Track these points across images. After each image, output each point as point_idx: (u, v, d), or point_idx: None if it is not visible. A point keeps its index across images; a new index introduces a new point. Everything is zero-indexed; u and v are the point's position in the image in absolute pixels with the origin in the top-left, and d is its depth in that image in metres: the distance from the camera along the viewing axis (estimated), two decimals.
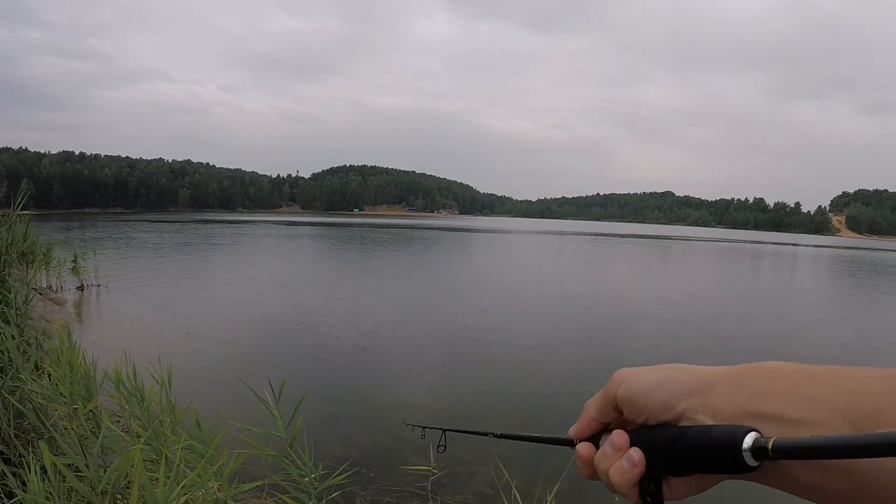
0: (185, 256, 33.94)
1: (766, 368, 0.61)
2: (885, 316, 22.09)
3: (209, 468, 3.93)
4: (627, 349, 13.97)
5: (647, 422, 0.67)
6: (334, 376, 10.88)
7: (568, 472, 5.67)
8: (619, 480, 0.66)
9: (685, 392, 0.64)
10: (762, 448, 0.53)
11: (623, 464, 0.66)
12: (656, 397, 0.66)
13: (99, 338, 12.88)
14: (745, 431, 0.56)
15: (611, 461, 0.68)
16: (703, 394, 0.63)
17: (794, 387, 0.57)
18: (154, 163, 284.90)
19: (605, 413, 0.73)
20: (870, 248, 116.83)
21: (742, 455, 0.55)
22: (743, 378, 0.61)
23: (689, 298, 23.55)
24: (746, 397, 0.59)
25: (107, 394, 6.53)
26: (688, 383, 0.64)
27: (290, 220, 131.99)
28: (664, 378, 0.66)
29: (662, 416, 0.65)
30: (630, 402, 0.68)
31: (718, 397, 0.61)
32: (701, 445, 0.60)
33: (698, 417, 0.62)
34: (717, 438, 0.58)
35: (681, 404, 0.64)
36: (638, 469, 0.65)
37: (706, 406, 0.62)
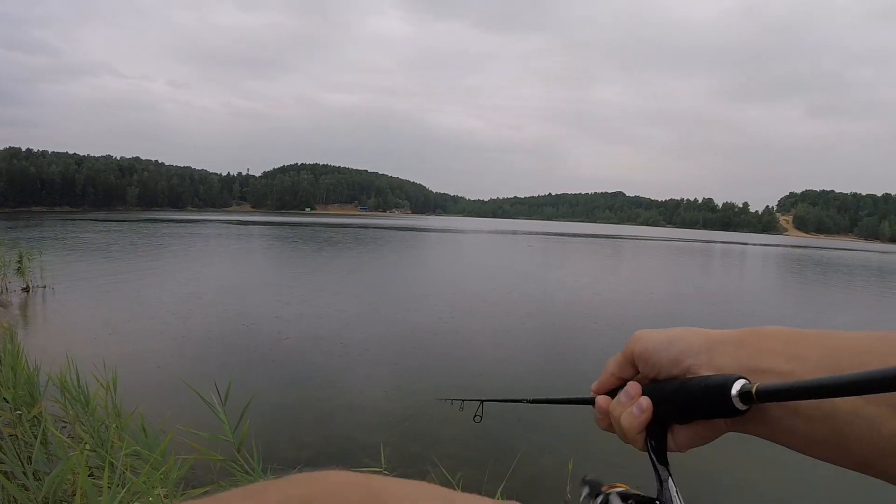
0: (133, 257, 33.35)
1: (766, 331, 0.67)
2: (837, 312, 22.55)
3: (154, 474, 3.88)
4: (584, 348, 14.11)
5: (659, 376, 0.74)
6: (284, 378, 10.77)
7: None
8: (628, 425, 0.73)
9: (693, 349, 0.70)
10: (748, 392, 0.59)
11: (633, 410, 0.73)
12: (667, 353, 0.72)
13: (44, 341, 12.61)
14: (734, 379, 0.62)
15: (623, 408, 0.75)
16: (709, 352, 0.69)
17: (788, 346, 0.63)
18: (102, 160, 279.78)
19: (623, 369, 0.80)
20: (817, 247, 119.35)
21: (731, 399, 0.61)
22: (744, 339, 0.68)
23: (649, 297, 23.79)
24: (745, 355, 0.66)
25: (52, 398, 6.42)
26: (695, 342, 0.71)
27: (240, 219, 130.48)
28: (675, 337, 0.73)
29: (672, 370, 0.72)
30: (644, 358, 0.75)
31: (721, 355, 0.68)
32: (699, 392, 0.66)
33: (702, 372, 0.68)
34: (712, 385, 0.64)
35: (688, 360, 0.70)
36: (646, 415, 0.72)
37: (710, 362, 0.68)
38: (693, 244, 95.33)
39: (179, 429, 4.84)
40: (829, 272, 45.61)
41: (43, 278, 20.34)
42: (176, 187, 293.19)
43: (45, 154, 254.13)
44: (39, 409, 5.44)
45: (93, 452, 4.47)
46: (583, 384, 0.78)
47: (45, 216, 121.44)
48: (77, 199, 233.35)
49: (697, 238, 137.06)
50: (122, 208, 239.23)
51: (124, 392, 7.06)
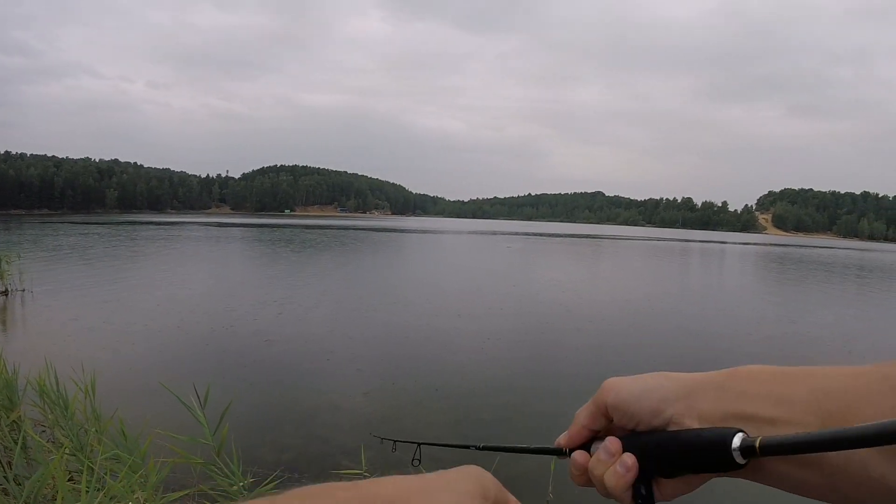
0: (112, 260, 33.16)
1: (746, 372, 0.66)
2: (818, 310, 22.77)
3: (132, 476, 3.90)
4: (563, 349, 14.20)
5: (638, 427, 0.71)
6: (263, 380, 10.75)
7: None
8: (614, 485, 0.69)
9: (671, 398, 0.68)
10: (750, 447, 0.58)
11: (617, 468, 0.69)
12: (645, 404, 0.69)
13: (23, 345, 12.55)
14: (733, 433, 0.60)
15: (605, 466, 0.70)
16: (688, 399, 0.67)
17: (772, 388, 0.62)
18: (81, 162, 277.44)
19: (595, 421, 0.75)
20: (796, 245, 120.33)
21: (731, 454, 0.59)
22: (725, 382, 0.66)
23: (629, 298, 23.94)
24: (728, 400, 0.64)
25: (31, 403, 6.40)
26: (673, 389, 0.68)
27: (219, 221, 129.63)
28: (651, 385, 0.70)
29: (652, 421, 0.69)
30: (620, 410, 0.71)
31: (703, 401, 0.66)
32: (692, 448, 0.64)
33: (685, 421, 0.66)
34: (708, 440, 0.62)
35: (668, 409, 0.67)
36: (632, 473, 0.68)
37: (692, 410, 0.66)
38: (672, 243, 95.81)
39: (159, 432, 4.85)
40: (808, 270, 46.02)
41: (22, 282, 20.17)
42: (155, 189, 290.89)
43: (24, 156, 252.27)
44: (18, 414, 5.43)
45: (72, 456, 4.49)
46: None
47: (23, 219, 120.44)
48: (56, 201, 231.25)
49: (677, 237, 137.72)
50: (101, 211, 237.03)
51: (104, 396, 7.05)
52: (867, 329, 18.95)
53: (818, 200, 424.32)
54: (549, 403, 9.94)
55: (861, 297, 29.11)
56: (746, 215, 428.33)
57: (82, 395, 6.22)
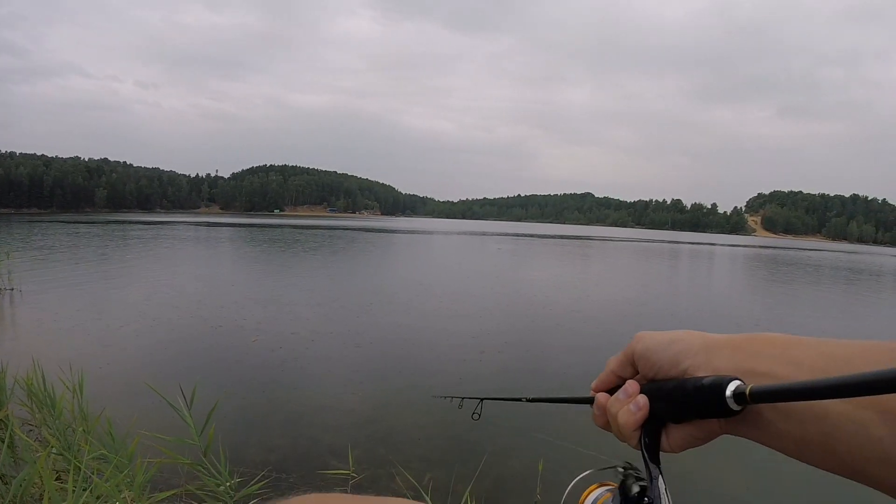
0: (101, 259, 33.00)
1: (763, 337, 0.69)
2: (808, 312, 22.87)
3: (118, 475, 3.91)
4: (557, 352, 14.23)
5: (657, 376, 0.76)
6: (251, 380, 10.71)
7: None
8: (624, 422, 0.75)
9: (692, 351, 0.72)
10: (742, 393, 0.61)
11: (630, 407, 0.75)
12: (666, 354, 0.74)
13: (11, 343, 12.51)
14: (729, 380, 0.63)
15: (621, 405, 0.77)
16: (707, 354, 0.70)
17: (785, 351, 0.64)
18: (70, 161, 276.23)
19: (623, 368, 0.82)
20: (786, 248, 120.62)
21: (726, 400, 0.62)
22: (743, 343, 0.69)
23: (624, 298, 23.98)
24: (742, 358, 0.67)
25: (18, 402, 6.40)
26: (695, 344, 0.73)
27: (209, 220, 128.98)
28: (675, 338, 0.75)
29: (670, 371, 0.73)
30: (644, 358, 0.77)
31: (719, 357, 0.69)
32: (694, 392, 0.67)
33: (699, 373, 0.69)
34: (707, 385, 0.65)
35: (686, 361, 0.72)
36: (642, 412, 0.74)
37: (708, 364, 0.69)
38: (662, 245, 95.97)
39: (146, 433, 4.86)
40: (798, 273, 46.11)
41: (10, 280, 20.10)
42: (144, 189, 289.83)
43: (14, 155, 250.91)
44: (6, 413, 5.43)
45: (59, 456, 4.49)
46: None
47: (12, 218, 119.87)
48: (45, 200, 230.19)
49: (666, 239, 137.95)
50: (91, 210, 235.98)
51: (91, 395, 7.04)
52: (856, 332, 19.02)
53: (807, 203, 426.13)
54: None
55: (850, 301, 29.21)
56: (736, 217, 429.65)
57: (70, 395, 6.23)
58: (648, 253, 67.56)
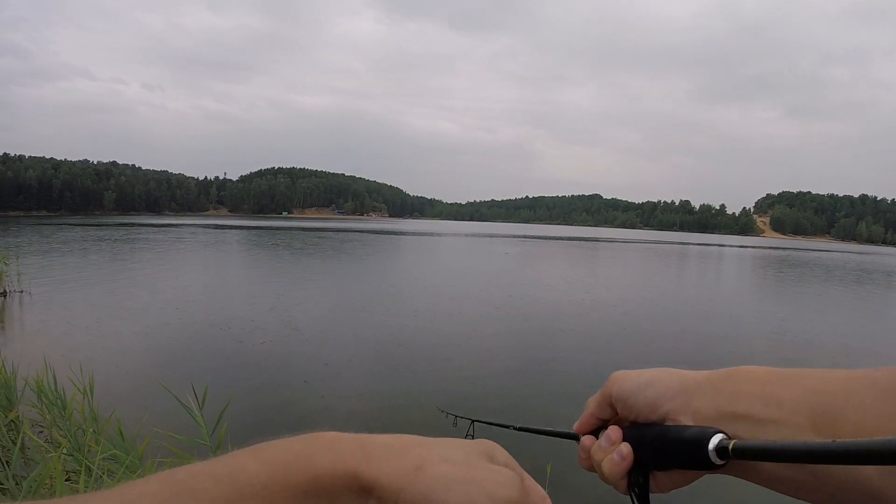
0: (110, 262, 33.13)
1: (743, 373, 0.67)
2: (816, 313, 22.78)
3: (130, 476, 3.91)
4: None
5: (637, 419, 0.74)
6: (261, 382, 10.73)
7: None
8: (609, 471, 0.73)
9: (670, 394, 0.70)
10: (724, 448, 0.60)
11: (614, 456, 0.72)
12: (644, 397, 0.72)
13: (21, 345, 12.53)
14: (711, 433, 0.62)
15: (605, 453, 0.74)
16: (685, 396, 0.69)
17: (764, 388, 0.63)
18: (79, 164, 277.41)
19: (602, 410, 0.80)
20: (795, 249, 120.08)
21: (708, 455, 0.61)
22: (721, 382, 0.68)
23: (635, 299, 23.92)
24: (722, 399, 0.66)
25: (29, 403, 6.42)
26: (672, 386, 0.71)
27: (217, 223, 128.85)
28: (652, 380, 0.73)
29: (650, 415, 0.72)
30: (622, 401, 0.75)
31: (698, 399, 0.68)
32: (676, 443, 0.66)
33: (680, 418, 0.68)
34: (689, 438, 0.64)
35: (665, 405, 0.70)
36: (626, 462, 0.72)
37: (687, 407, 0.68)
38: (671, 246, 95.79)
39: (157, 432, 4.87)
40: (807, 274, 45.96)
41: (20, 283, 20.18)
42: (153, 191, 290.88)
43: (23, 158, 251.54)
44: (16, 414, 5.45)
45: (70, 456, 4.50)
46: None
47: (21, 220, 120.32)
48: (54, 203, 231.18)
49: (675, 240, 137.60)
50: (100, 213, 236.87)
51: (101, 396, 7.06)
52: (865, 334, 18.93)
53: (816, 203, 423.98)
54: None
55: (860, 302, 29.08)
56: (744, 218, 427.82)
57: (80, 396, 6.24)
58: (657, 255, 67.40)
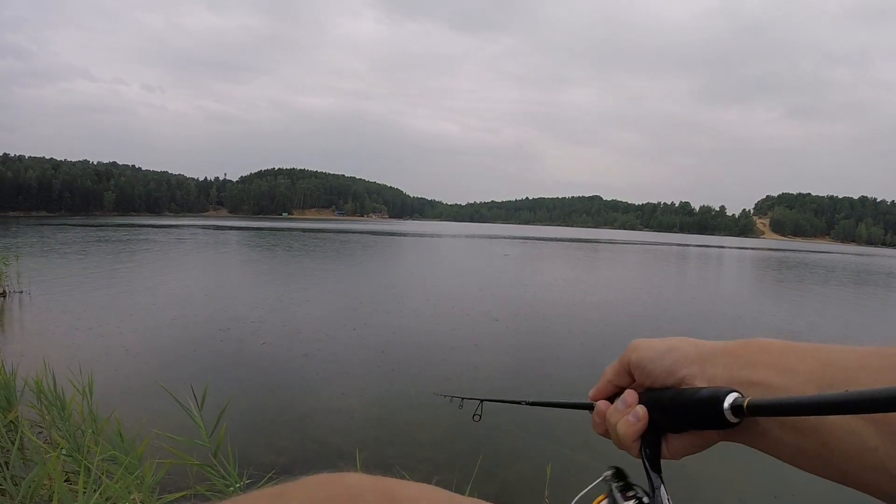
0: (110, 262, 33.10)
1: (758, 344, 0.68)
2: (816, 315, 22.77)
3: (129, 477, 3.91)
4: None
5: (654, 385, 0.76)
6: (260, 382, 10.74)
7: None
8: (624, 432, 0.75)
9: (687, 360, 0.72)
10: (739, 406, 0.60)
11: (629, 418, 0.75)
12: (662, 363, 0.75)
13: (21, 346, 12.54)
14: (726, 392, 0.63)
15: (621, 415, 0.77)
16: (702, 363, 0.71)
17: (780, 359, 0.64)
18: (79, 165, 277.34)
19: (619, 377, 0.82)
20: (794, 250, 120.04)
21: (723, 412, 0.62)
22: (738, 350, 0.69)
23: (635, 303, 23.92)
24: (738, 367, 0.67)
25: (28, 404, 6.42)
26: (690, 353, 0.73)
27: (217, 224, 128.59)
28: (671, 347, 0.75)
29: (666, 380, 0.74)
30: (640, 367, 0.77)
31: (715, 366, 0.69)
32: (692, 403, 0.67)
33: (696, 383, 0.70)
34: (705, 397, 0.65)
35: (682, 370, 0.72)
36: (641, 423, 0.74)
37: (703, 373, 0.70)
38: (671, 248, 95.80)
39: (157, 433, 4.87)
40: (807, 275, 45.91)
41: (19, 283, 20.18)
42: (153, 192, 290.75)
43: (22, 158, 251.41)
44: (16, 414, 5.44)
45: (69, 457, 4.50)
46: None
47: (21, 221, 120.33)
48: (54, 203, 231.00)
49: (675, 242, 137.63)
50: (99, 213, 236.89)
51: (101, 397, 7.05)
52: (866, 336, 18.92)
53: (816, 205, 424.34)
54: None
55: (860, 303, 29.07)
56: (744, 220, 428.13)
57: (79, 397, 6.24)
58: (657, 256, 67.38)
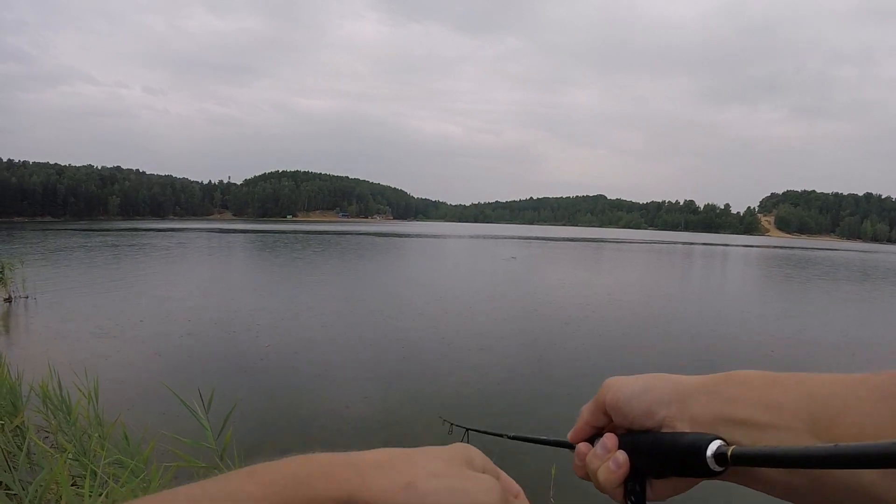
0: (115, 266, 33.17)
1: (739, 377, 0.66)
2: (821, 313, 22.73)
3: (135, 481, 3.91)
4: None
5: (633, 427, 0.73)
6: (266, 385, 10.77)
7: None
8: (605, 479, 0.72)
9: (665, 400, 0.69)
10: (723, 455, 0.59)
11: (610, 465, 0.71)
12: (639, 404, 0.71)
13: (27, 351, 12.58)
14: (709, 440, 0.61)
15: (600, 461, 0.73)
16: (681, 402, 0.68)
17: (762, 393, 0.62)
18: (83, 169, 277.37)
19: (596, 418, 0.78)
20: (800, 248, 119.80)
21: (706, 461, 0.60)
22: (717, 386, 0.66)
23: (645, 301, 23.90)
24: (719, 404, 0.65)
25: (34, 408, 6.43)
26: (667, 392, 0.70)
27: (221, 227, 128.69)
28: (646, 386, 0.72)
29: (645, 422, 0.70)
30: (616, 408, 0.74)
31: (695, 405, 0.67)
32: (673, 451, 0.65)
33: (677, 424, 0.67)
34: (686, 445, 0.63)
35: (661, 411, 0.69)
36: (622, 470, 0.71)
37: (684, 413, 0.67)
38: (676, 246, 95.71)
39: (163, 435, 4.88)
40: (812, 272, 45.79)
41: (25, 288, 20.25)
42: (157, 196, 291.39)
43: (27, 164, 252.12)
44: (22, 419, 5.45)
45: (75, 461, 4.50)
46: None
47: (26, 226, 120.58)
48: (58, 208, 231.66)
49: (680, 240, 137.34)
50: (104, 218, 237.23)
51: (107, 401, 7.07)
52: (871, 335, 18.85)
53: (821, 202, 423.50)
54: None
55: (866, 301, 28.99)
56: (749, 218, 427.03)
57: (85, 401, 6.25)
58: (663, 255, 67.32)
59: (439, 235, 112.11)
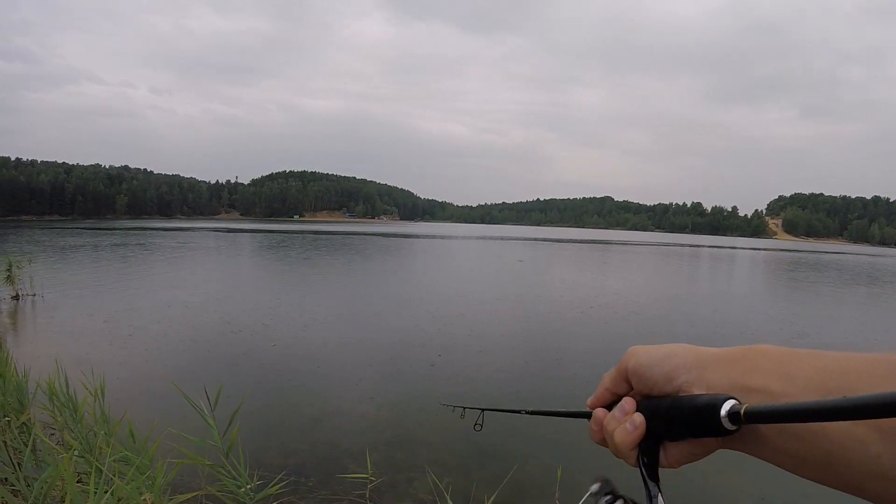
0: (122, 265, 33.21)
1: (758, 350, 0.68)
2: (829, 317, 22.65)
3: (140, 478, 3.92)
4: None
5: (652, 392, 0.75)
6: (271, 384, 10.75)
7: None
8: (621, 441, 0.75)
9: (685, 367, 0.71)
10: (736, 413, 0.60)
11: (627, 426, 0.74)
12: (660, 370, 0.74)
13: (33, 348, 12.61)
14: (723, 399, 0.63)
15: (618, 423, 0.76)
16: (700, 369, 0.70)
17: (779, 366, 0.64)
18: (91, 168, 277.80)
19: (617, 384, 0.81)
20: (808, 251, 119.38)
21: (720, 420, 0.62)
22: (736, 357, 0.69)
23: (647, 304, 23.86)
24: (737, 373, 0.66)
25: (40, 406, 6.44)
26: (688, 359, 0.72)
27: (229, 226, 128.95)
28: (668, 353, 0.75)
29: (664, 387, 0.73)
30: (637, 374, 0.77)
31: (713, 373, 0.69)
32: (689, 411, 0.67)
33: (694, 390, 0.69)
34: (702, 404, 0.65)
35: (680, 377, 0.71)
36: (639, 431, 0.74)
37: (701, 380, 0.69)
38: (683, 249, 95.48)
39: (170, 432, 4.89)
40: (820, 276, 45.59)
41: (32, 286, 20.30)
42: (165, 195, 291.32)
43: (35, 163, 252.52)
44: (28, 416, 5.46)
45: (81, 458, 4.51)
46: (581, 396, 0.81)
47: (34, 225, 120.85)
48: (66, 207, 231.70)
49: (687, 243, 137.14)
50: (112, 217, 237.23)
51: (114, 398, 7.08)
52: (882, 339, 18.78)
53: (829, 205, 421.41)
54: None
55: (875, 306, 28.86)
56: (756, 220, 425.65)
57: (91, 398, 6.26)
58: (670, 257, 67.14)
59: (446, 236, 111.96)
